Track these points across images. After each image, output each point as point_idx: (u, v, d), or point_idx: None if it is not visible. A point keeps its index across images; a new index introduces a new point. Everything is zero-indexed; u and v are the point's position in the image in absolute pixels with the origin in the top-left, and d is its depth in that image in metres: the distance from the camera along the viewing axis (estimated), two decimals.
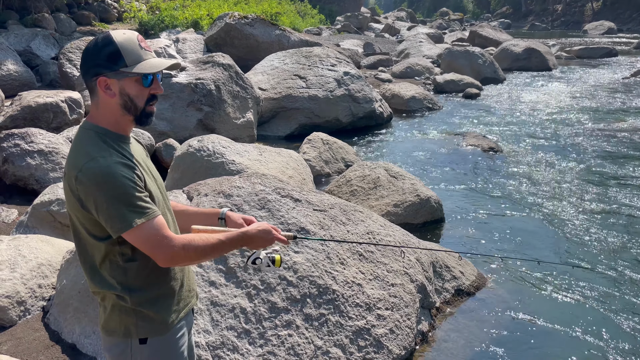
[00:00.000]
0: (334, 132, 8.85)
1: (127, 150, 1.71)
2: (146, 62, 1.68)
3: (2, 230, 5.21)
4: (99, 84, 1.65)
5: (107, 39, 1.65)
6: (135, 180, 1.63)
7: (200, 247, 1.69)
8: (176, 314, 1.84)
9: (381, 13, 54.36)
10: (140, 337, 1.77)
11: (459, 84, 14.53)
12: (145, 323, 1.77)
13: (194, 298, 1.97)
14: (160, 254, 1.65)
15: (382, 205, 5.64)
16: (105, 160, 1.60)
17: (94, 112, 1.72)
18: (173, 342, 1.85)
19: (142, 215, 1.62)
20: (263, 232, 1.84)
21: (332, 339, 3.23)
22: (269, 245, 1.87)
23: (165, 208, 1.83)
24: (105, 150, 1.64)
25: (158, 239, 1.64)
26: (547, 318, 4.00)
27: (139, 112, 1.71)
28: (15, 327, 3.68)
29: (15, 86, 10.18)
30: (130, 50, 1.66)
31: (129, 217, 1.60)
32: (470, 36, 25.30)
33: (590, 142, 9.23)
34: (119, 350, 1.78)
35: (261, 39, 14.20)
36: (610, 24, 42.06)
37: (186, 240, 1.68)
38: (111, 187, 1.59)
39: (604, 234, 5.52)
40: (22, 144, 6.03)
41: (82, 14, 17.92)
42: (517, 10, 67.09)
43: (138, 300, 1.74)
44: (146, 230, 1.63)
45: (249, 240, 1.81)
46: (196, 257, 1.71)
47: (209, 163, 5.68)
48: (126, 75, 1.65)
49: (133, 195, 1.61)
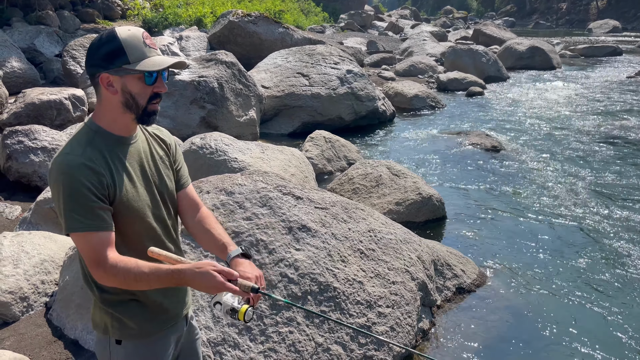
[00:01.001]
0: (336, 130, 8.86)
1: (114, 150, 1.67)
2: (150, 59, 1.63)
3: (6, 226, 5.24)
4: (101, 81, 1.62)
5: (111, 35, 1.61)
6: (92, 188, 1.56)
7: (130, 277, 1.57)
8: (154, 323, 1.79)
9: (385, 11, 54.28)
10: (115, 338, 1.76)
11: (462, 83, 14.52)
12: (120, 325, 1.74)
13: (184, 309, 1.90)
14: (92, 271, 1.60)
15: (384, 204, 5.65)
16: (73, 159, 1.57)
17: (96, 108, 1.71)
18: (151, 349, 1.80)
19: (82, 225, 1.56)
20: (201, 276, 1.56)
21: (332, 336, 3.24)
22: (217, 291, 1.59)
23: (154, 219, 1.74)
24: (81, 148, 1.61)
25: (91, 255, 1.58)
26: (548, 316, 4.01)
27: (141, 111, 1.66)
28: (18, 322, 3.71)
29: (19, 83, 10.22)
30: (133, 47, 1.61)
31: (71, 223, 1.56)
32: (474, 34, 25.26)
33: (594, 142, 9.21)
34: (101, 346, 1.80)
35: (264, 36, 14.21)
36: (615, 22, 41.89)
37: (120, 265, 1.58)
38: (66, 185, 1.55)
39: (607, 232, 5.52)
40: (26, 141, 6.06)
41: (86, 12, 17.97)
42: (521, 8, 66.89)
43: (108, 302, 1.72)
44: (82, 242, 1.58)
45: (184, 282, 1.59)
46: (125, 284, 1.61)
47: (211, 160, 5.70)
48: (128, 72, 1.61)
49: (82, 203, 1.55)
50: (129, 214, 1.67)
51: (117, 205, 1.64)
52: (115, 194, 1.63)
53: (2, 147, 6.11)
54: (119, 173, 1.66)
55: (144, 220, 1.72)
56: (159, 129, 1.90)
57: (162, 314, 1.80)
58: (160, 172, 1.81)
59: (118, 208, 1.65)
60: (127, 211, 1.66)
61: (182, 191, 1.92)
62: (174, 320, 1.85)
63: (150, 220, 1.74)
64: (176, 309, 1.86)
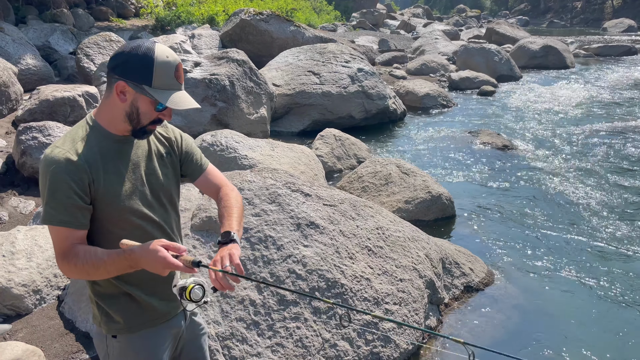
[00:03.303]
0: (347, 128, 8.86)
1: (108, 147, 1.69)
2: (171, 92, 1.65)
3: (20, 220, 5.33)
4: (116, 86, 1.64)
5: (149, 53, 1.62)
6: (72, 185, 1.59)
7: (89, 263, 1.59)
8: (142, 320, 1.81)
9: (397, 9, 54.12)
10: (109, 333, 1.79)
11: (474, 82, 14.43)
12: (109, 320, 1.78)
13: (177, 309, 1.90)
14: (58, 263, 1.64)
15: (393, 202, 5.65)
16: (59, 152, 1.61)
17: (100, 104, 1.74)
18: (144, 342, 1.82)
19: (55, 220, 1.60)
20: (147, 253, 1.53)
21: (339, 332, 3.26)
22: (163, 267, 1.53)
23: (143, 219, 1.75)
24: (71, 143, 1.65)
25: (57, 248, 1.63)
26: (557, 315, 3.99)
27: (139, 127, 1.70)
28: (30, 315, 3.77)
29: (34, 80, 10.34)
30: (162, 75, 1.63)
31: (45, 215, 1.61)
32: (487, 33, 25.06)
33: (607, 142, 9.13)
34: (99, 338, 1.84)
35: (276, 35, 14.23)
36: (630, 21, 41.30)
37: (81, 254, 1.60)
38: (49, 179, 1.60)
39: (620, 233, 5.47)
40: (40, 137, 6.15)
41: (100, 10, 18.12)
42: (535, 7, 66.28)
43: (99, 294, 1.76)
44: (53, 235, 1.63)
45: (135, 262, 1.56)
46: (85, 273, 1.61)
47: (221, 157, 5.74)
48: (145, 93, 1.64)
49: (59, 198, 1.59)
50: (112, 211, 1.69)
51: (99, 202, 1.66)
52: (97, 191, 1.66)
53: (16, 143, 6.21)
54: (107, 171, 1.68)
55: (131, 219, 1.73)
56: (165, 125, 1.91)
57: (149, 311, 1.82)
58: (156, 171, 1.82)
59: (101, 205, 1.67)
60: (111, 208, 1.68)
61: (202, 175, 1.96)
62: (164, 318, 1.86)
63: (137, 218, 1.74)
64: (167, 307, 1.86)
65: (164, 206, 1.84)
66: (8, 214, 5.45)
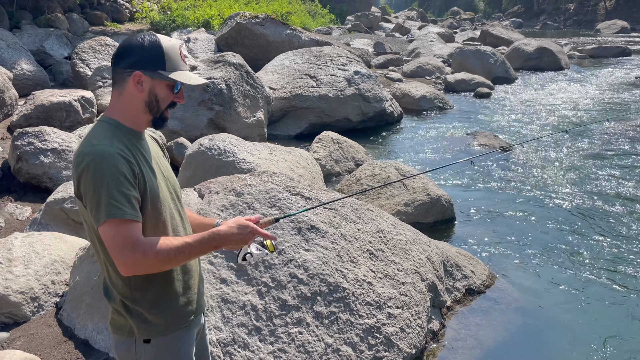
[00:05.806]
0: (344, 131, 8.85)
1: (134, 144, 1.72)
2: (183, 72, 1.75)
3: (16, 227, 5.28)
4: (132, 77, 1.68)
5: (156, 41, 1.71)
6: (126, 175, 1.59)
7: (162, 252, 1.58)
8: (180, 316, 1.82)
9: (392, 12, 54.19)
10: (143, 338, 1.76)
11: (470, 84, 14.46)
12: (147, 325, 1.75)
13: (202, 300, 1.94)
14: (121, 257, 1.56)
15: (393, 205, 5.63)
16: (103, 148, 1.60)
17: (113, 103, 1.74)
18: (178, 343, 1.83)
19: (120, 212, 1.55)
20: (238, 228, 1.72)
21: (342, 337, 3.23)
22: (250, 240, 1.76)
23: (173, 209, 1.81)
24: (108, 139, 1.64)
25: (123, 241, 1.56)
26: (558, 317, 3.98)
27: (159, 114, 1.76)
28: (29, 322, 3.73)
29: (28, 85, 10.28)
30: (172, 57, 1.73)
31: (109, 209, 1.55)
32: (482, 35, 25.15)
33: (603, 142, 9.15)
34: (124, 347, 1.79)
35: (272, 38, 14.22)
36: (623, 23, 41.55)
37: (148, 245, 1.58)
38: (99, 173, 1.55)
39: (620, 234, 5.47)
40: (36, 142, 6.10)
41: (95, 14, 18.07)
42: (529, 9, 66.61)
43: (137, 301, 1.73)
44: (116, 230, 1.56)
45: (222, 240, 1.68)
46: (158, 264, 1.60)
47: (219, 161, 5.71)
48: (162, 77, 1.71)
49: (120, 190, 1.56)
50: (156, 203, 1.72)
51: (146, 195, 1.68)
52: (144, 185, 1.68)
53: (12, 148, 6.16)
54: (143, 165, 1.70)
55: (167, 210, 1.78)
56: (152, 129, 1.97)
57: (187, 307, 1.84)
58: (167, 167, 1.91)
59: (148, 198, 1.69)
60: (155, 200, 1.71)
61: None
62: (197, 312, 1.90)
63: (172, 210, 1.81)
64: (199, 300, 1.91)
65: (180, 200, 1.91)
66: (4, 221, 5.39)
